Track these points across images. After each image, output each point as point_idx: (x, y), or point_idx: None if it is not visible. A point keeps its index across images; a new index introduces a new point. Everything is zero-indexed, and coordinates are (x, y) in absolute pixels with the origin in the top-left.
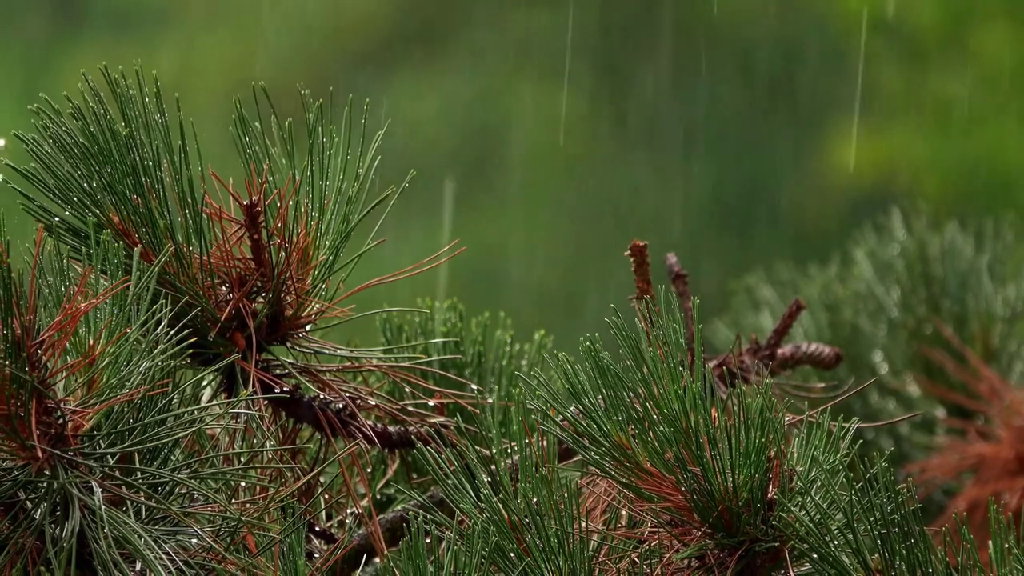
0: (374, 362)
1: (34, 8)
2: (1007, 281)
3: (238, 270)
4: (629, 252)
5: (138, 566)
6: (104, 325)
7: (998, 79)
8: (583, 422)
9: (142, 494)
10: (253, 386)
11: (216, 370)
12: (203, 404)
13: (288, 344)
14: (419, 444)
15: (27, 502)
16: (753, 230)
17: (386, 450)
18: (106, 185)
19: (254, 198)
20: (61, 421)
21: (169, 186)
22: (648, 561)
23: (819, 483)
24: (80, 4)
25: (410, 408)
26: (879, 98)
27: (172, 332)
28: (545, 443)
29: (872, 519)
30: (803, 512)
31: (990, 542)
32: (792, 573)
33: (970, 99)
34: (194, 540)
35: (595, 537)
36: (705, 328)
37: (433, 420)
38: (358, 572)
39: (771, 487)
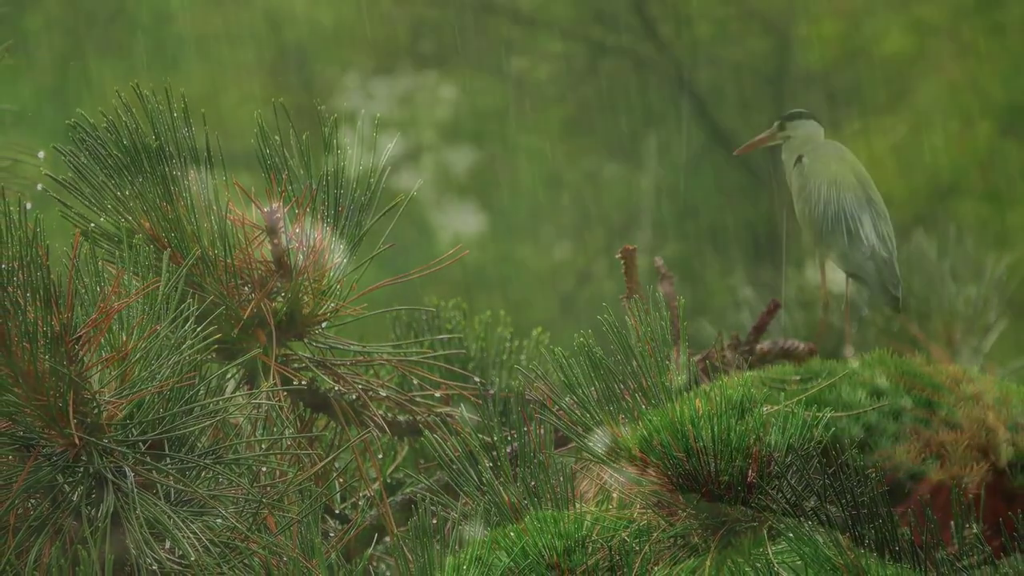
0: (384, 356)
1: (71, 29)
2: (967, 283)
3: (259, 272)
4: (620, 255)
5: (167, 544)
6: (136, 322)
7: (961, 94)
8: (578, 412)
9: (171, 478)
10: (273, 379)
11: (239, 364)
12: (227, 395)
13: (305, 340)
14: (426, 432)
15: (65, 485)
16: (736, 236)
17: (396, 437)
18: (138, 193)
19: (274, 205)
20: (96, 411)
21: (195, 194)
22: (637, 539)
23: (794, 468)
24: (114, 25)
25: (418, 399)
26: (855, 113)
27: (199, 329)
28: (542, 431)
29: (843, 501)
30: (780, 494)
31: (952, 522)
32: (770, 550)
33: (940, 114)
34: (219, 520)
35: (588, 517)
36: (690, 325)
37: (439, 410)
38: (370, 550)
39: (750, 471)
